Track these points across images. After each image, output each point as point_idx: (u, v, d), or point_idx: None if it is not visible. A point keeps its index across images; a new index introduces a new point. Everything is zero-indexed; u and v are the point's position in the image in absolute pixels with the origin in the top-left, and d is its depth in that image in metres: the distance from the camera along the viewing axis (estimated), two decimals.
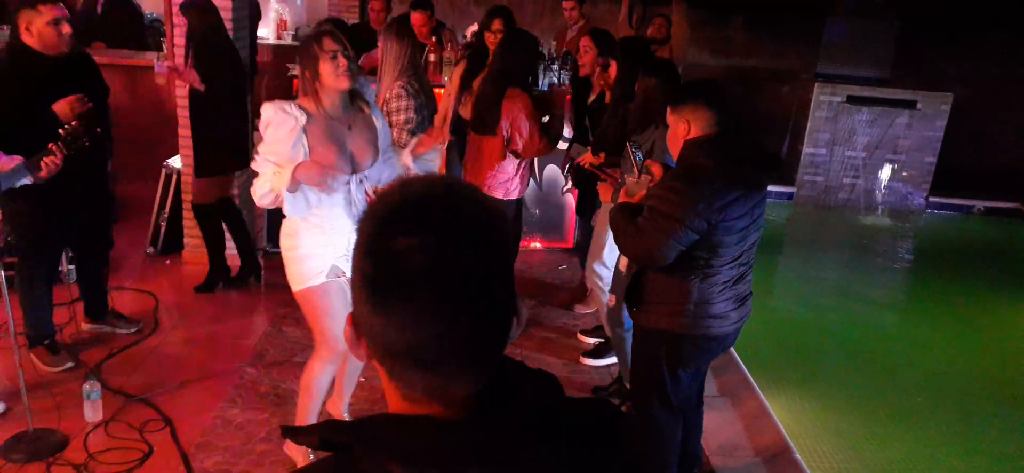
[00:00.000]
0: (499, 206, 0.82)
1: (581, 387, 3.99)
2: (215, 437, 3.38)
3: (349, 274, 2.70)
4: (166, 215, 5.14)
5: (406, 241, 0.78)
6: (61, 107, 3.40)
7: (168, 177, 5.10)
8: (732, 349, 3.98)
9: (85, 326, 4.16)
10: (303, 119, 2.70)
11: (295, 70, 4.80)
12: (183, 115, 4.69)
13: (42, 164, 3.05)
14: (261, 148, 2.75)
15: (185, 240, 5.10)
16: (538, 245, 5.91)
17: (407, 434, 0.82)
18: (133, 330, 4.20)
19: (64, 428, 3.31)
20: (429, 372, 0.82)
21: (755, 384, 4.02)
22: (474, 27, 5.87)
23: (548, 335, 4.54)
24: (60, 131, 3.11)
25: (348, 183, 2.79)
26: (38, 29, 3.40)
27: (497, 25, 4.58)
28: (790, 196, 8.59)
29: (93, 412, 3.41)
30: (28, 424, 3.23)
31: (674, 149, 2.65)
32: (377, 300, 0.80)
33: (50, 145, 3.08)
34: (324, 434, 0.83)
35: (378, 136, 2.92)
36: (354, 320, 0.86)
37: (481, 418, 0.83)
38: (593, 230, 4.30)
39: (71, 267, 4.22)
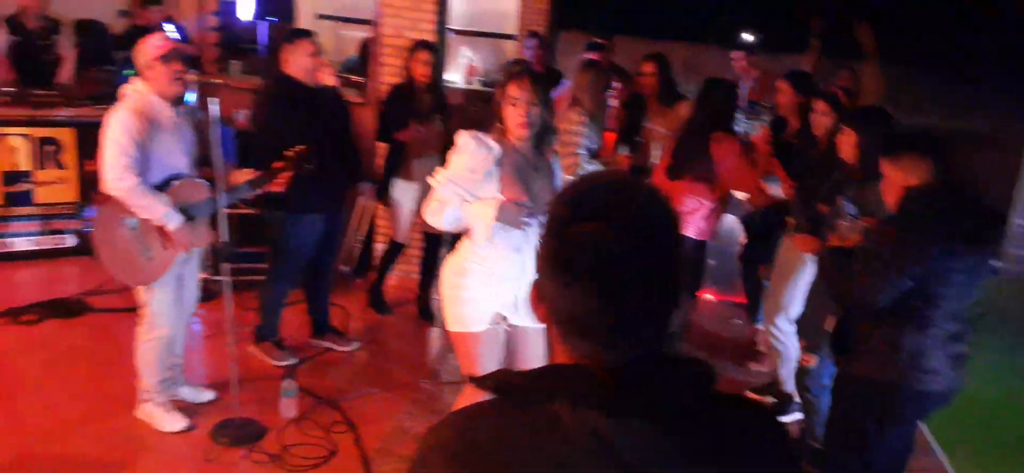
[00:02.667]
0: (669, 204, 0.88)
1: None
2: (393, 445, 3.58)
3: (511, 321, 2.76)
4: (361, 237, 5.53)
5: (582, 227, 0.92)
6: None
7: (365, 204, 5.51)
8: (928, 434, 3.72)
9: (311, 341, 4.48)
10: (498, 151, 2.71)
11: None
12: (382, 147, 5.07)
13: (274, 178, 3.43)
14: (444, 172, 2.76)
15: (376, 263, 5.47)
16: (711, 297, 5.79)
17: (572, 380, 0.94)
18: (351, 347, 4.49)
19: (264, 420, 3.64)
20: (588, 340, 0.95)
21: None
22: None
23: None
24: (287, 153, 3.47)
25: (523, 228, 2.74)
26: (299, 62, 3.85)
27: (649, 68, 4.61)
28: (995, 271, 7.83)
29: (288, 409, 3.72)
30: (235, 412, 3.59)
31: (890, 198, 2.59)
32: (556, 274, 0.95)
33: (276, 164, 3.46)
34: (499, 379, 0.98)
35: (555, 181, 2.88)
36: (538, 286, 1.00)
37: (632, 376, 0.93)
38: (755, 281, 4.20)
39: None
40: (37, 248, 5.36)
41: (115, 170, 3.11)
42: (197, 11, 7.32)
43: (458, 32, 8.32)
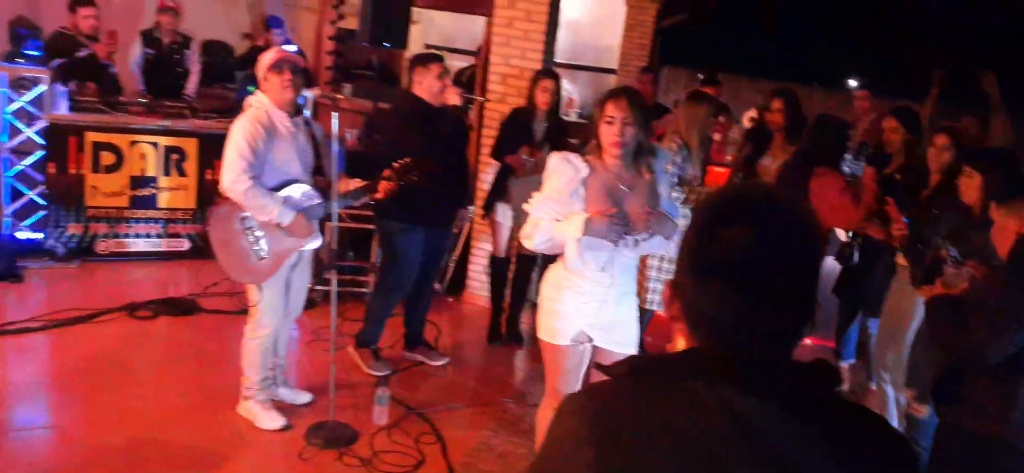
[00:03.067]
0: (816, 218, 0.94)
1: None
2: (478, 459, 3.62)
3: (595, 342, 2.75)
4: (455, 258, 5.66)
5: (730, 232, 0.96)
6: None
7: (460, 226, 5.63)
8: None
9: (404, 352, 4.62)
10: (584, 171, 2.75)
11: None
12: (486, 172, 5.19)
13: (380, 187, 3.60)
14: (539, 195, 2.83)
15: (467, 282, 5.57)
16: (807, 341, 5.60)
17: (709, 362, 0.97)
18: (442, 362, 4.59)
19: (356, 425, 3.75)
20: (723, 339, 0.98)
21: None
22: (753, 113, 5.85)
23: None
24: (394, 164, 3.62)
25: (616, 244, 2.75)
26: (428, 83, 4.06)
27: (778, 104, 4.55)
28: None
29: (379, 416, 3.82)
30: (330, 415, 3.71)
31: (1002, 246, 2.47)
32: (696, 272, 1.00)
33: (386, 172, 3.61)
34: (633, 362, 1.02)
35: (659, 204, 2.85)
36: (673, 283, 1.04)
37: (766, 366, 0.96)
38: (847, 317, 4.04)
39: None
40: (156, 250, 5.72)
41: (233, 173, 3.32)
42: (315, 35, 7.72)
43: (561, 65, 8.45)
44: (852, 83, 8.56)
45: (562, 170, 2.78)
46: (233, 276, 3.63)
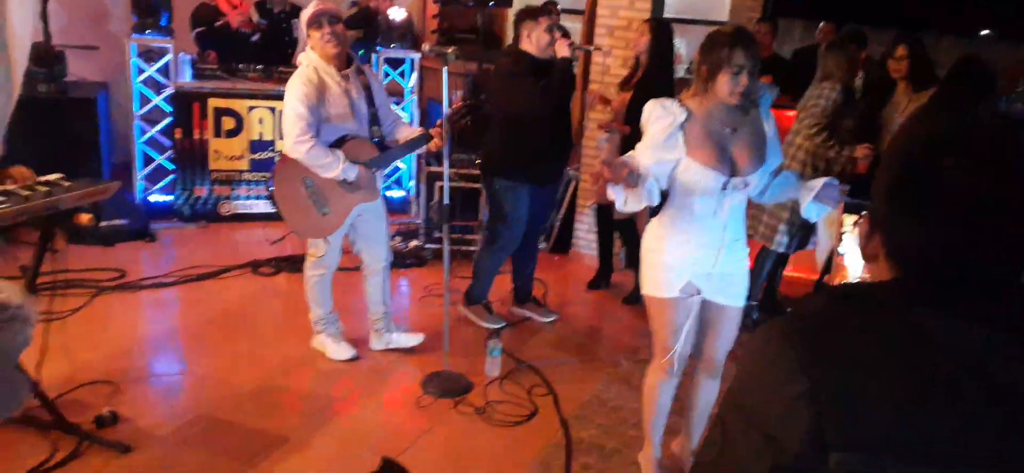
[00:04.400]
0: None
1: None
2: (591, 412, 3.61)
3: (705, 295, 2.63)
4: (560, 218, 5.64)
5: (949, 161, 0.89)
6: None
7: (566, 182, 5.60)
8: None
9: (513, 308, 4.68)
10: (682, 116, 2.63)
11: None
12: (590, 128, 5.13)
13: (434, 134, 3.66)
14: (639, 144, 2.73)
15: (573, 241, 5.55)
16: None
17: (924, 293, 0.91)
18: (551, 319, 4.61)
19: (470, 376, 3.81)
20: (939, 272, 0.91)
21: None
22: None
23: None
24: (447, 110, 3.64)
25: (724, 187, 2.64)
26: (536, 36, 4.05)
27: (901, 51, 4.28)
28: None
29: (493, 367, 3.87)
30: (444, 366, 3.78)
31: None
32: (902, 205, 0.93)
33: (438, 122, 3.66)
34: (837, 291, 0.98)
35: (766, 142, 2.72)
36: (871, 217, 0.98)
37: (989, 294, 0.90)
38: None
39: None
40: (274, 211, 5.95)
41: (293, 134, 3.43)
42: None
43: (672, 20, 8.23)
44: (984, 32, 7.93)
45: (658, 116, 2.66)
46: (299, 232, 3.78)
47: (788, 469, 0.87)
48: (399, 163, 6.31)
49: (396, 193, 6.41)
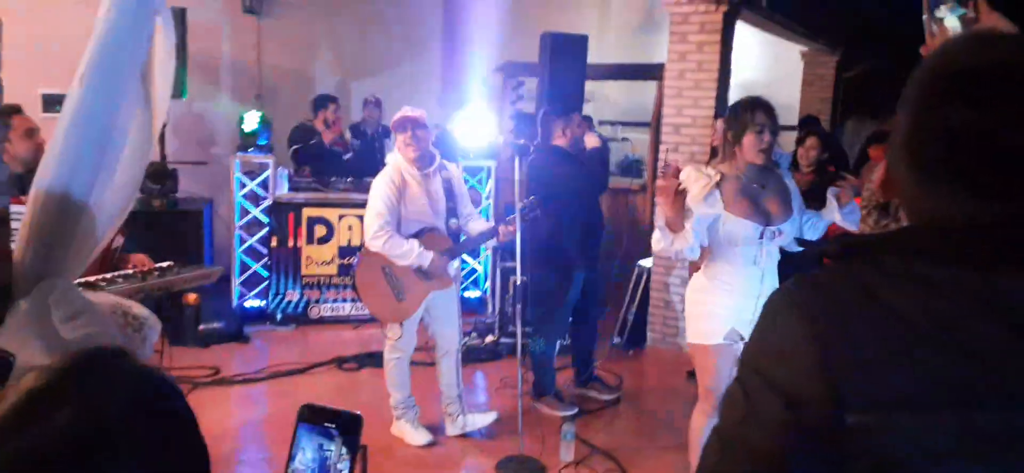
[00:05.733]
0: None
1: None
2: None
3: (746, 338, 2.85)
4: (634, 310, 5.71)
5: (961, 113, 0.83)
6: None
7: (639, 276, 5.70)
8: None
9: (575, 390, 4.78)
10: (716, 177, 2.96)
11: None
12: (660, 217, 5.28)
13: (500, 231, 3.91)
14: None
15: (648, 334, 5.59)
16: None
17: (927, 240, 0.88)
18: (612, 397, 4.72)
19: (544, 460, 3.86)
20: (948, 235, 0.87)
21: None
22: None
23: None
24: (520, 203, 3.86)
25: (761, 236, 2.92)
26: (570, 131, 4.36)
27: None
28: None
29: (566, 452, 3.91)
30: (519, 448, 3.86)
31: None
32: (912, 160, 0.89)
33: (510, 217, 3.91)
34: (848, 240, 0.95)
35: (791, 197, 3.06)
36: (889, 163, 0.94)
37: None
38: None
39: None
40: (361, 313, 6.25)
41: (373, 228, 3.74)
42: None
43: None
44: None
45: (696, 177, 2.99)
46: (378, 317, 4.03)
47: (809, 429, 0.87)
48: (476, 265, 6.57)
49: (472, 293, 6.63)
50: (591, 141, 4.39)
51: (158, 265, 3.27)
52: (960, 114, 0.83)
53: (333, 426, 0.86)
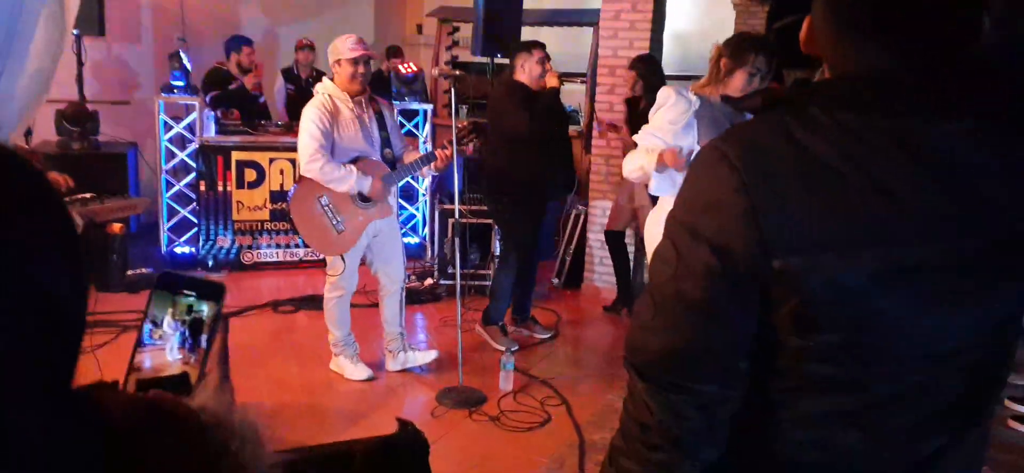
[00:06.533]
0: None
1: (1008, 448, 3.49)
2: (605, 419, 3.67)
3: None
4: (571, 251, 5.77)
5: None
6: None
7: (576, 218, 5.76)
8: None
9: (511, 327, 4.80)
10: (696, 104, 2.87)
11: None
12: (597, 162, 5.33)
13: (438, 155, 3.83)
14: (646, 127, 2.98)
15: (585, 274, 5.67)
16: None
17: (847, 90, 0.93)
18: (547, 336, 4.78)
19: (484, 390, 3.90)
20: (866, 86, 0.93)
21: None
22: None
23: None
24: (456, 128, 3.84)
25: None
26: (529, 67, 4.33)
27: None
28: None
29: (506, 381, 3.95)
30: (459, 380, 3.87)
31: None
32: (837, 18, 0.96)
33: (443, 141, 3.86)
34: (767, 95, 1.00)
35: None
36: (814, 20, 0.99)
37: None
38: None
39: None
40: (293, 259, 6.15)
41: (307, 154, 3.65)
42: (434, 62, 8.15)
43: (672, 76, 8.53)
44: None
45: (674, 102, 2.90)
46: (317, 249, 4.01)
47: (738, 276, 0.91)
48: (413, 211, 6.52)
49: (411, 239, 6.58)
50: (551, 81, 4.33)
51: (80, 195, 3.12)
52: None
53: (192, 293, 0.75)
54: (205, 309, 0.75)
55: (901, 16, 0.90)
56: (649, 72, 4.81)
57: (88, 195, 3.15)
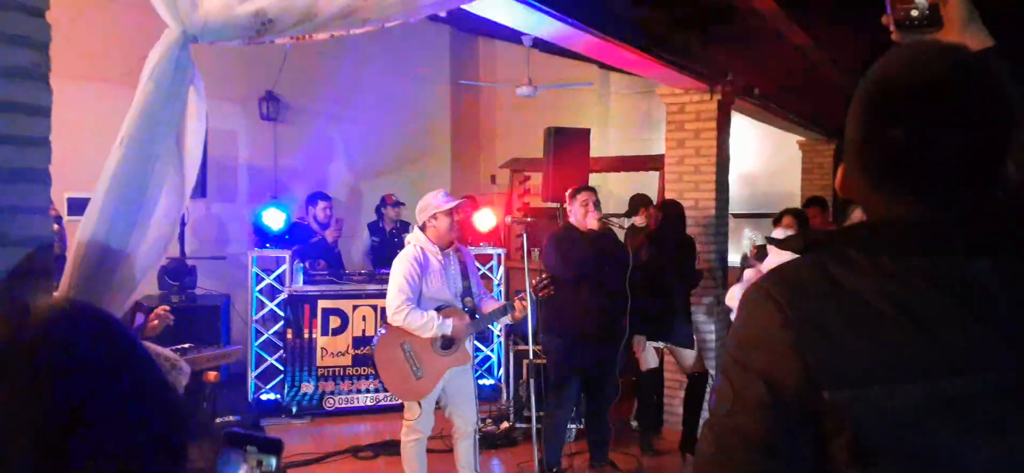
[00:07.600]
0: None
1: None
2: None
3: None
4: (655, 396, 5.70)
5: (901, 131, 0.95)
6: None
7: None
8: None
9: (589, 471, 4.76)
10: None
11: None
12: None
13: (516, 304, 4.01)
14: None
15: (664, 417, 5.59)
16: None
17: (881, 234, 0.99)
18: None
19: None
20: (898, 230, 0.98)
21: None
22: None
23: None
24: (535, 280, 4.01)
25: None
26: (574, 209, 4.55)
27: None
28: None
29: None
30: None
31: None
32: (864, 170, 1.01)
33: (521, 292, 4.00)
34: (807, 237, 1.06)
35: None
36: (845, 168, 1.06)
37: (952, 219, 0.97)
38: None
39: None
40: (375, 403, 6.29)
41: (395, 303, 3.85)
42: (507, 209, 8.46)
43: (738, 215, 8.60)
44: None
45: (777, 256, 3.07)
46: (396, 394, 4.12)
47: (791, 408, 0.95)
48: (489, 352, 6.63)
49: (486, 381, 6.65)
50: (591, 223, 4.50)
51: (179, 346, 3.37)
52: (900, 132, 0.95)
53: (253, 447, 0.86)
54: (273, 462, 0.86)
55: (930, 171, 0.95)
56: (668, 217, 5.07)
57: (186, 345, 3.38)
